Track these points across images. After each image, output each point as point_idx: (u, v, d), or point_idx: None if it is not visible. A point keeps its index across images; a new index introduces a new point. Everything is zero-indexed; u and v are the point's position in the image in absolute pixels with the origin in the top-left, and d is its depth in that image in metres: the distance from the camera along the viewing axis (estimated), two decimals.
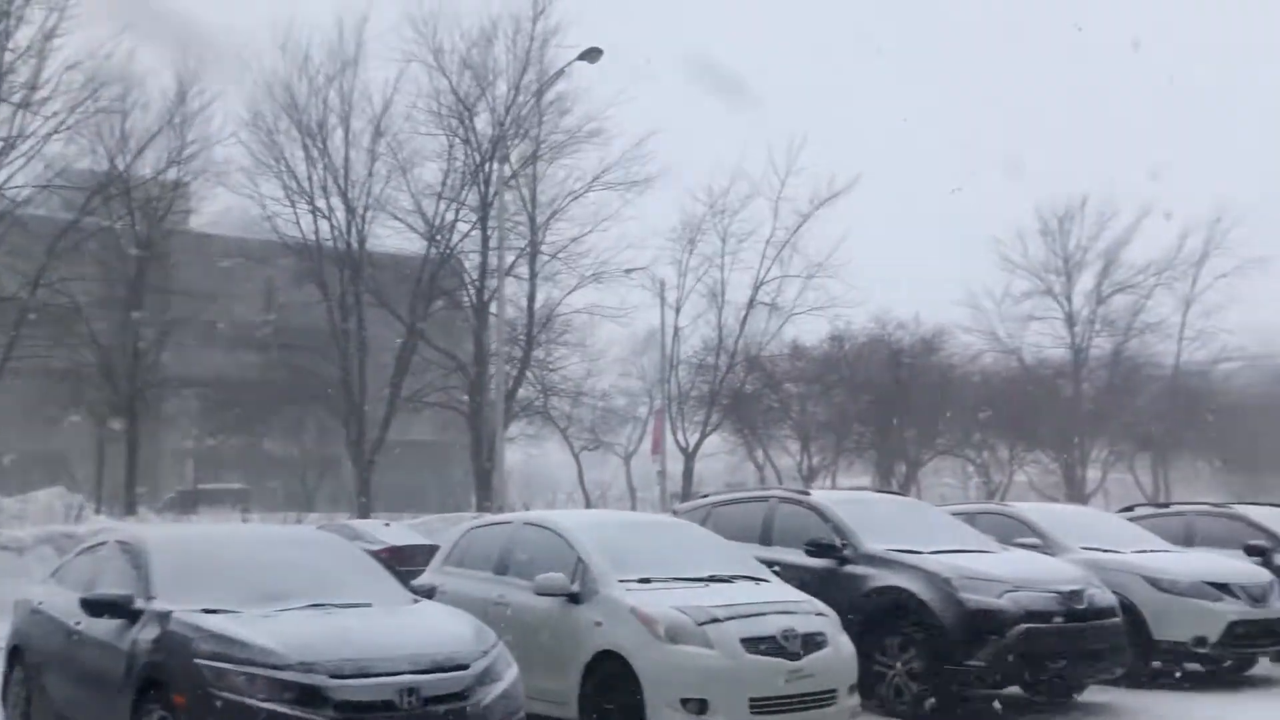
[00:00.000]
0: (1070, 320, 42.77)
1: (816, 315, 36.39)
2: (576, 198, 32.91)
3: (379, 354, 32.58)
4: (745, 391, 36.83)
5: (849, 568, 9.64)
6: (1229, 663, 11.17)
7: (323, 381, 31.40)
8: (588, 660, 7.85)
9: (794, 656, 7.62)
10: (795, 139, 36.13)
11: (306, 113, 31.06)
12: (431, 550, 11.31)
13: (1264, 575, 11.25)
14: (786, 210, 35.94)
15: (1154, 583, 10.67)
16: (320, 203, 31.44)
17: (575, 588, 8.11)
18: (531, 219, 33.06)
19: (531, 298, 33.44)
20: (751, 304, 36.43)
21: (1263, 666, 11.56)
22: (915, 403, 35.66)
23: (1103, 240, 42.08)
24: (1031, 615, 8.92)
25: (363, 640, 6.43)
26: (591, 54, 26.01)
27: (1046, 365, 42.89)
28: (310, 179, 31.35)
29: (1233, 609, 10.61)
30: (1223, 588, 10.73)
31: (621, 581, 8.03)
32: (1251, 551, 12.30)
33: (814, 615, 8.07)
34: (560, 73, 29.01)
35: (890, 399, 35.28)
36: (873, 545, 9.69)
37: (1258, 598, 10.85)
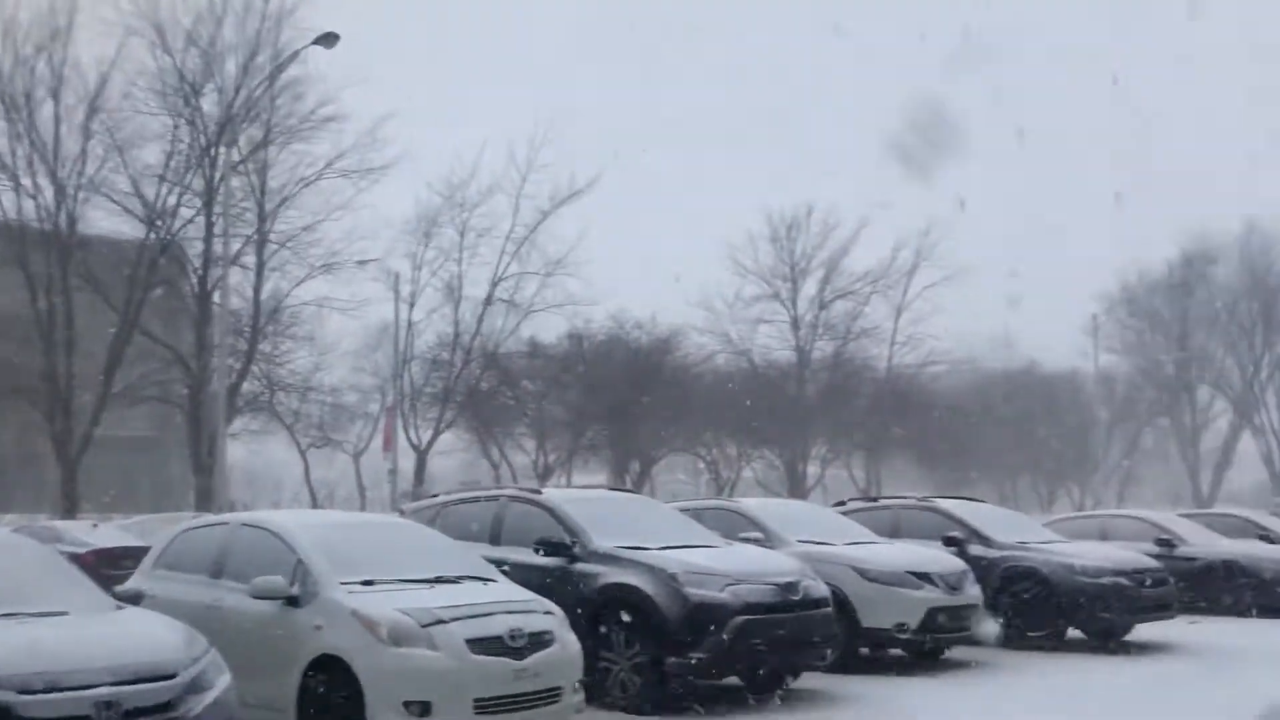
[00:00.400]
0: (796, 324, 44.72)
1: (555, 313, 36.60)
2: (308, 184, 31.75)
3: (90, 343, 30.51)
4: (481, 388, 36.58)
5: (579, 566, 9.73)
6: (928, 646, 11.95)
7: (25, 372, 29.14)
8: (306, 665, 7.61)
9: (520, 656, 7.62)
10: (537, 136, 35.85)
11: (11, 83, 28.74)
12: (144, 553, 10.68)
13: (959, 565, 12.12)
14: (528, 207, 35.99)
15: (863, 573, 11.30)
16: (26, 181, 29.17)
17: (294, 591, 7.85)
18: (260, 206, 31.70)
19: (258, 288, 32.07)
20: (489, 300, 36.22)
21: (956, 650, 12.42)
22: (650, 401, 36.41)
23: (826, 249, 44.32)
24: (750, 607, 9.26)
25: (56, 651, 5.99)
26: (327, 39, 25.26)
27: (774, 366, 44.70)
28: (14, 155, 29.04)
29: (932, 596, 11.37)
30: (924, 577, 11.48)
31: (343, 584, 7.82)
32: (949, 542, 13.26)
33: (541, 614, 8.10)
34: (294, 56, 27.93)
35: (626, 398, 35.88)
36: (602, 543, 9.81)
37: (954, 586, 11.67)
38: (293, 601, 7.83)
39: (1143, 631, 13.91)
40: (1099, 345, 52.90)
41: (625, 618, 9.31)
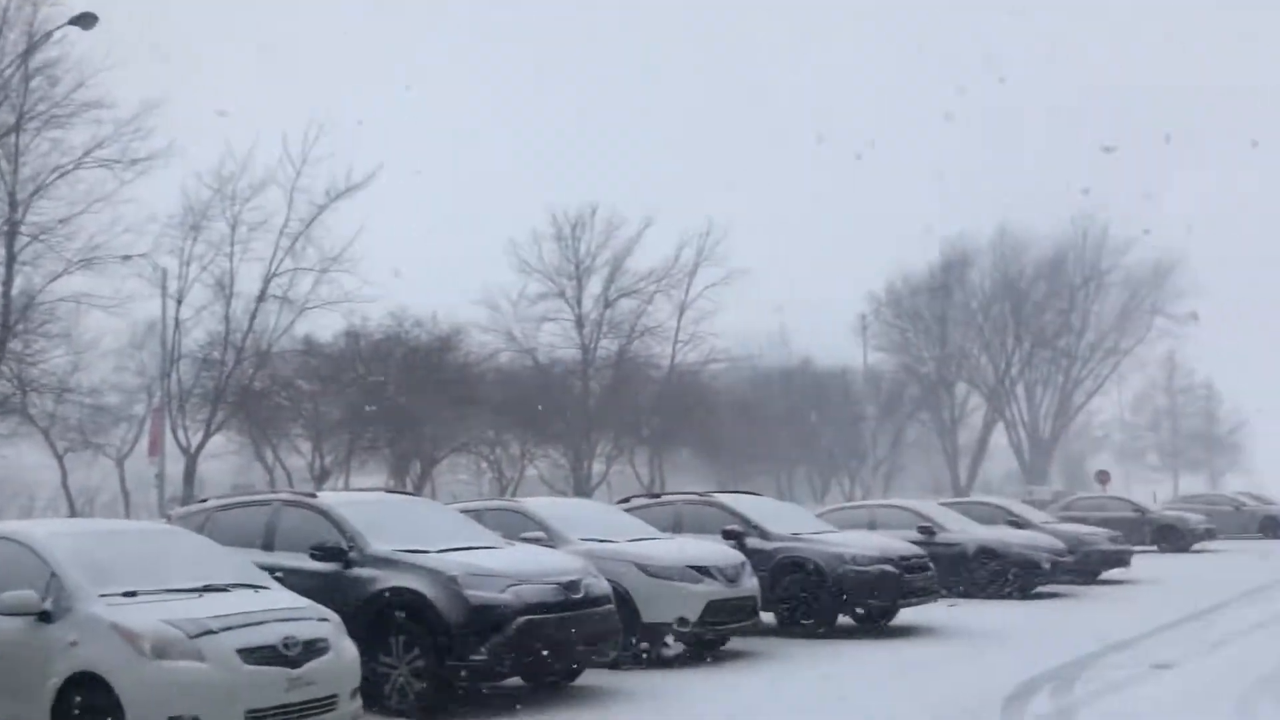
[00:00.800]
0: (580, 322, 44.97)
1: (331, 311, 35.56)
2: (63, 174, 29.88)
3: None
4: (254, 389, 35.21)
5: (355, 570, 9.52)
6: (709, 638, 12.20)
7: None
8: (60, 684, 7.16)
9: (294, 664, 7.41)
10: (312, 129, 34.72)
11: None
12: None
13: (737, 557, 12.42)
14: (302, 200, 34.84)
15: (644, 569, 11.45)
16: None
17: (47, 605, 7.39)
18: (11, 195, 29.65)
19: (8, 283, 29.98)
20: (262, 297, 34.85)
21: (735, 641, 12.74)
22: (431, 401, 35.87)
23: (610, 248, 44.75)
24: (532, 607, 9.24)
25: None
26: (85, 19, 23.82)
27: (558, 364, 44.80)
28: None
29: (711, 590, 11.62)
30: (703, 570, 11.71)
31: (103, 596, 7.41)
32: (728, 536, 13.61)
33: (316, 621, 7.88)
34: (47, 37, 26.21)
35: (406, 397, 35.23)
36: (380, 546, 9.63)
37: (732, 578, 11.96)
38: (45, 617, 7.38)
39: (907, 615, 14.63)
40: (868, 344, 55.34)
41: (404, 622, 9.17)
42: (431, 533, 10.20)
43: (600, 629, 9.86)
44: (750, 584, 12.27)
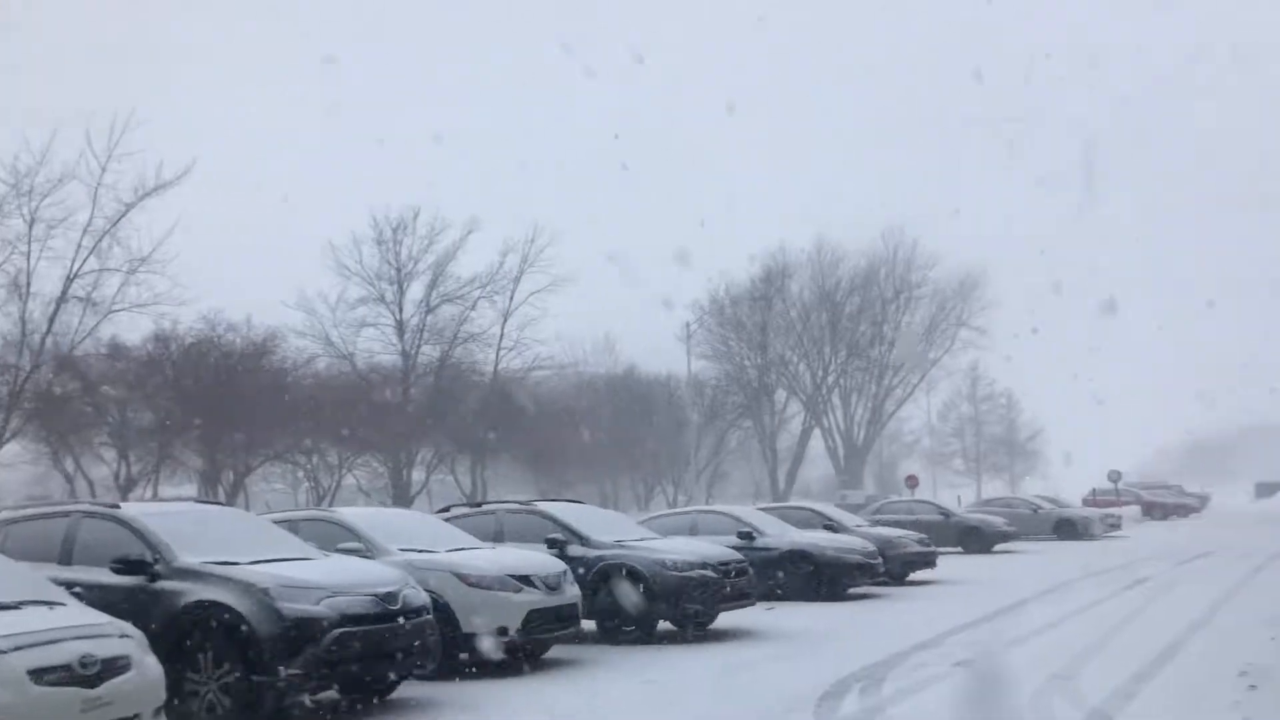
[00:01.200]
0: (401, 328, 44.28)
1: (140, 313, 34.07)
2: None
3: None
4: (54, 394, 33.44)
5: (161, 584, 9.15)
6: (529, 649, 12.16)
7: None
8: None
9: (92, 684, 7.03)
10: (118, 120, 33.14)
11: None
12: None
13: (559, 566, 12.42)
14: (110, 198, 33.26)
15: (464, 578, 11.34)
16: None
17: None
18: None
19: None
20: (64, 298, 33.19)
21: (556, 649, 12.73)
22: (245, 408, 34.72)
23: (433, 253, 44.21)
24: (348, 619, 9.05)
25: None
26: None
27: (378, 371, 44.00)
28: None
29: (531, 599, 11.59)
30: (524, 579, 11.67)
31: None
32: (550, 544, 13.61)
33: (117, 638, 7.50)
34: None
35: (219, 404, 34.00)
36: (188, 559, 9.29)
37: (553, 587, 11.95)
38: None
39: (726, 619, 14.90)
40: (691, 352, 56.14)
41: (214, 636, 8.85)
42: (243, 544, 9.90)
43: (419, 640, 9.71)
44: (572, 592, 12.29)
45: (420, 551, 11.74)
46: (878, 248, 70.26)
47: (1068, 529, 37.28)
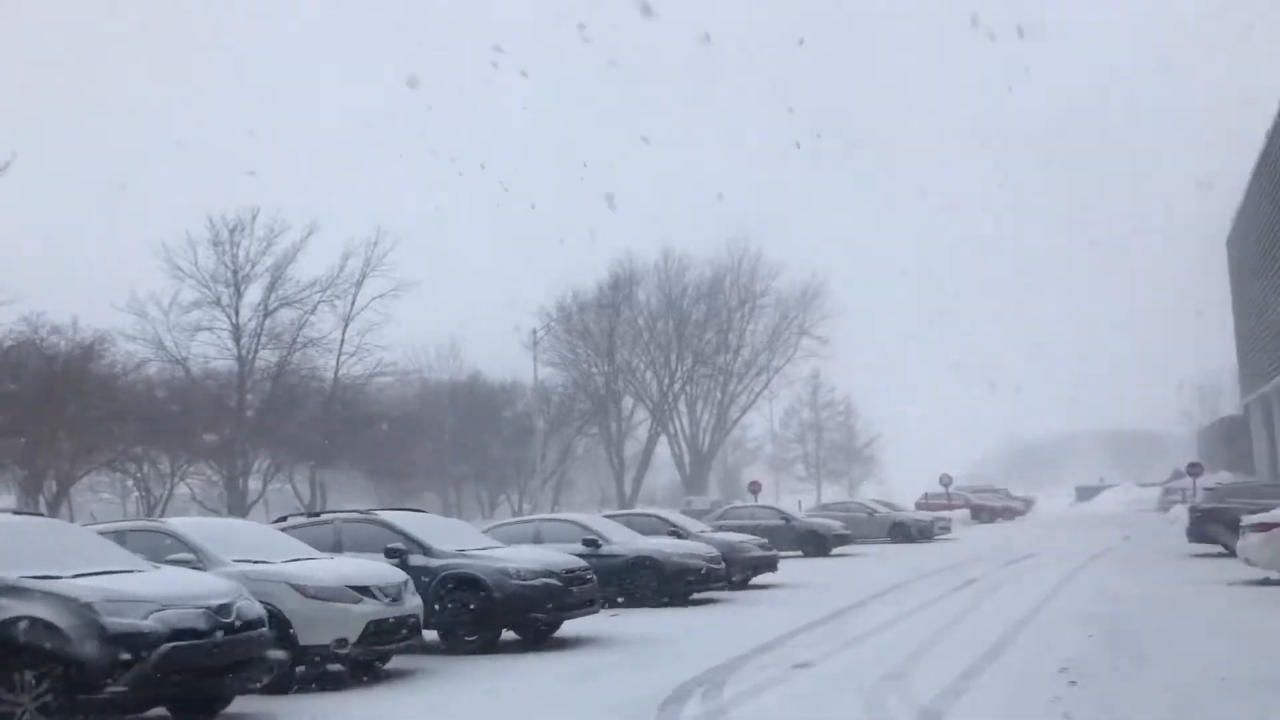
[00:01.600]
0: (237, 332, 42.99)
1: None
2: None
3: None
4: None
5: None
6: (369, 661, 11.92)
7: None
8: None
9: None
10: None
11: None
12: None
13: (399, 576, 12.21)
14: None
15: (301, 590, 11.05)
16: None
17: None
18: None
19: None
20: None
21: (398, 660, 12.52)
22: (70, 414, 33.20)
23: (271, 255, 43.03)
24: (177, 634, 8.73)
25: None
26: None
27: (213, 376, 42.63)
28: None
29: (371, 610, 11.36)
30: (364, 590, 11.44)
31: None
32: (391, 554, 13.38)
33: None
34: None
35: (41, 410, 32.42)
36: (5, 573, 8.81)
37: (394, 597, 11.75)
38: None
39: (570, 627, 14.89)
40: (538, 359, 55.98)
41: (32, 654, 8.41)
42: (65, 557, 9.45)
43: (253, 654, 9.42)
44: (413, 602, 12.11)
45: (255, 562, 11.40)
46: (723, 257, 71.42)
47: (901, 532, 38.47)
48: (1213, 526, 25.52)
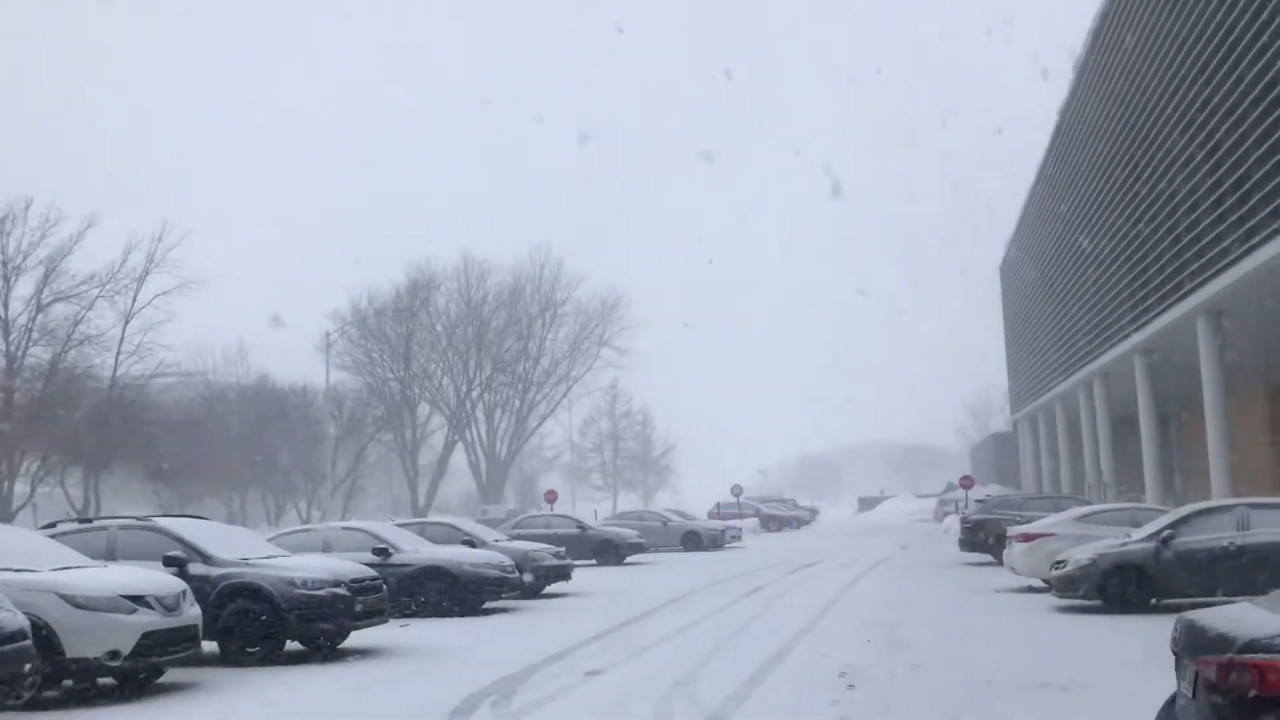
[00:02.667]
0: (6, 327, 40.46)
1: None
2: None
3: None
4: None
5: None
6: (143, 673, 11.36)
7: None
8: None
9: None
10: None
11: None
12: None
13: (178, 585, 11.69)
14: None
15: (69, 599, 10.46)
16: None
17: None
18: None
19: None
20: None
21: (174, 673, 11.98)
22: None
23: (46, 246, 40.61)
24: None
25: None
26: None
27: None
28: None
29: (146, 620, 10.83)
30: (138, 599, 10.90)
31: None
32: (169, 562, 12.81)
33: None
34: None
35: None
36: None
37: (171, 607, 11.23)
38: None
39: (358, 638, 14.56)
40: (331, 363, 54.65)
41: None
42: None
43: (13, 668, 8.85)
44: (191, 612, 11.61)
45: (20, 571, 10.70)
46: (525, 264, 71.37)
47: (694, 540, 39.21)
48: (981, 537, 27.01)
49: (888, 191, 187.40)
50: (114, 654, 10.54)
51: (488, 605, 18.92)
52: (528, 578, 20.38)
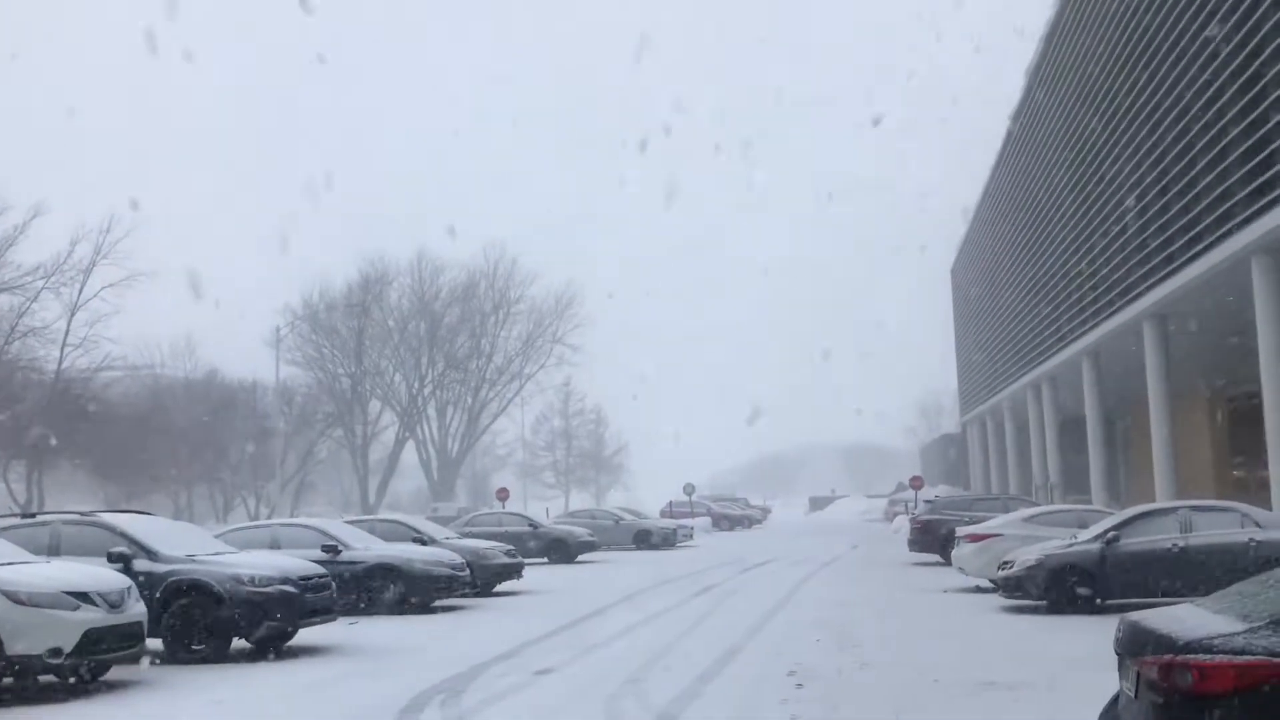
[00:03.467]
0: None
1: None
2: None
3: None
4: None
5: None
6: (87, 671, 11.19)
7: None
8: None
9: None
10: None
11: None
12: None
13: (122, 582, 11.53)
14: None
15: (10, 596, 10.31)
16: None
17: None
18: None
19: None
20: None
21: (119, 670, 11.82)
22: None
23: None
24: None
25: None
26: None
27: None
28: None
29: (90, 617, 10.68)
30: (82, 596, 10.75)
31: None
32: (114, 559, 12.63)
33: None
34: None
35: None
36: None
37: (115, 604, 11.08)
38: None
39: (307, 635, 14.44)
40: (280, 357, 54.09)
41: None
42: None
43: None
44: (136, 609, 11.46)
45: None
46: (479, 261, 71.08)
47: (646, 539, 39.24)
48: (930, 537, 27.25)
49: (842, 190, 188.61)
50: (56, 651, 10.39)
51: (438, 603, 18.83)
52: (478, 575, 20.30)
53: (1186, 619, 5.70)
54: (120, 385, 47.60)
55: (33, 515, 14.78)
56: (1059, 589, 16.31)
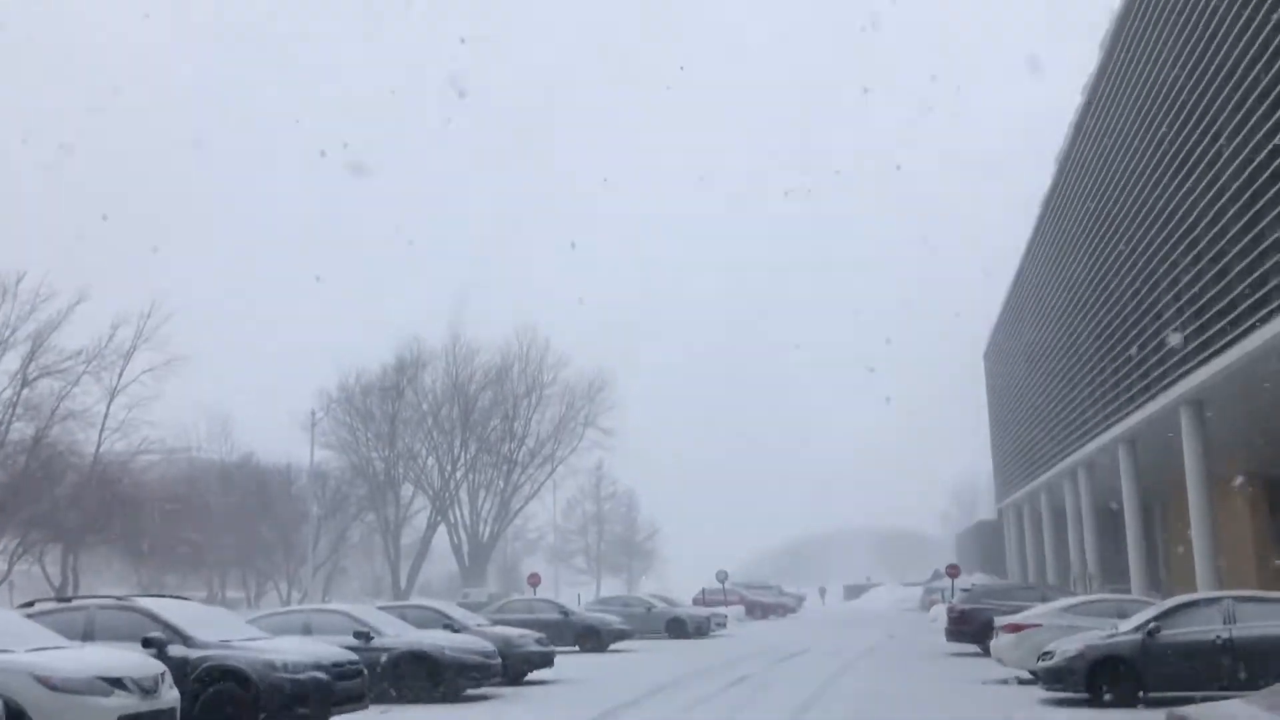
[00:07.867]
0: None
1: None
2: None
3: None
4: None
5: None
6: None
7: None
8: None
9: None
10: None
11: None
12: None
13: (156, 667, 11.54)
14: None
15: (45, 681, 10.32)
16: None
17: None
18: None
19: None
20: None
21: None
22: None
23: (35, 321, 40.60)
24: None
25: None
26: None
27: None
28: None
29: (124, 703, 10.68)
30: (116, 682, 10.76)
31: None
32: (149, 644, 12.64)
33: None
34: None
35: None
36: None
37: (149, 690, 11.08)
38: None
39: None
40: (315, 441, 54.37)
41: None
42: None
43: None
44: (170, 695, 11.45)
45: None
46: (511, 344, 71.46)
47: (678, 627, 38.78)
48: (968, 626, 26.81)
49: (873, 266, 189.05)
50: None
51: (469, 692, 18.67)
52: (508, 663, 20.12)
53: (1238, 716, 5.60)
54: (157, 469, 47.94)
55: (68, 599, 14.85)
56: (1100, 681, 15.99)
